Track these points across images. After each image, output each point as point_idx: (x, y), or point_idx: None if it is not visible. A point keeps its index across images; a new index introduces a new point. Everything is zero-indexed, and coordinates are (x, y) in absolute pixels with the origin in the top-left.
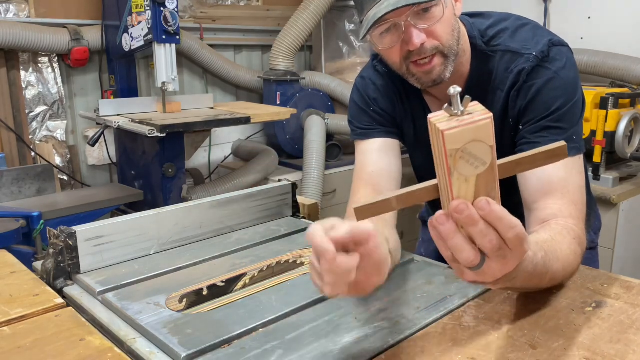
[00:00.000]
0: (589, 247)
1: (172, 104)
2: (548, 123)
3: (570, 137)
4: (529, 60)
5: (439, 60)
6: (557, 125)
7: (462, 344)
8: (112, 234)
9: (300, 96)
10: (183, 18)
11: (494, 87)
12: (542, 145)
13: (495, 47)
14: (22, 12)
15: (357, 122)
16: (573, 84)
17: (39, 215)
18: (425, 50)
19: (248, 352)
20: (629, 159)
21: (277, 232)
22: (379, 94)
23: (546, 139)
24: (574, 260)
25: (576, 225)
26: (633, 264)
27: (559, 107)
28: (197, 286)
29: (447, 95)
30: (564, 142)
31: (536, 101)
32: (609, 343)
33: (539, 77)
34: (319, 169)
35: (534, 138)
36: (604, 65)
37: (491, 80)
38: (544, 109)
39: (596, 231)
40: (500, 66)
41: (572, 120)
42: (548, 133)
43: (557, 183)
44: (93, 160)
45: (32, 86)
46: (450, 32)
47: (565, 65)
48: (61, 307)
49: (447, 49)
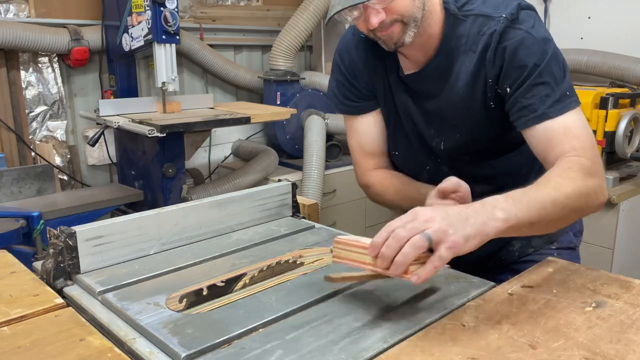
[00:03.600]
0: (568, 247)
1: (172, 104)
2: (532, 81)
3: (564, 94)
4: (499, 22)
5: (397, 28)
6: (542, 81)
7: (462, 344)
8: (112, 234)
9: (300, 96)
10: (183, 18)
11: (465, 49)
12: (536, 106)
13: (468, 11)
14: (22, 12)
15: (341, 97)
16: (544, 39)
17: (39, 215)
18: (384, 24)
19: (248, 352)
20: (629, 159)
21: (277, 232)
22: (355, 64)
23: (536, 97)
24: (570, 183)
25: (578, 156)
26: (633, 264)
27: (536, 63)
28: (197, 286)
29: (413, 56)
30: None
31: (513, 62)
32: (609, 343)
33: (511, 37)
34: (319, 169)
35: (526, 100)
36: (603, 65)
37: (462, 43)
38: (523, 68)
39: (576, 233)
40: (472, 29)
41: (555, 74)
42: (537, 90)
43: (558, 134)
44: (93, 160)
45: (32, 86)
46: (411, 1)
47: (534, 25)
48: (61, 307)
49: (406, 17)
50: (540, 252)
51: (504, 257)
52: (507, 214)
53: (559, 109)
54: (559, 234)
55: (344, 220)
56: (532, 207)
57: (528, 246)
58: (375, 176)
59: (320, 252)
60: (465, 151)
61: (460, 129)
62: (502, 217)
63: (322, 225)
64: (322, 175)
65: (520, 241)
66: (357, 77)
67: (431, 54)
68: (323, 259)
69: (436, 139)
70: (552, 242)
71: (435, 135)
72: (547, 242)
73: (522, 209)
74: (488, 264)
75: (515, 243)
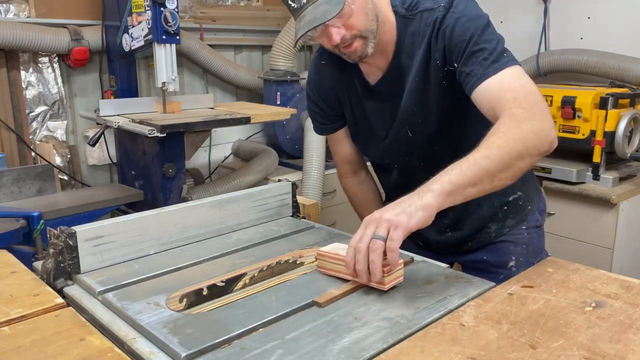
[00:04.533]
0: (536, 226)
1: (172, 104)
2: (471, 49)
3: (500, 55)
4: (439, 11)
5: (358, 43)
6: (480, 47)
7: (462, 344)
8: (112, 234)
9: (300, 96)
10: (183, 18)
11: (418, 42)
12: (479, 71)
13: (415, 10)
14: (22, 12)
15: (317, 122)
16: (477, 16)
17: (39, 215)
18: (346, 40)
19: (248, 352)
20: (629, 159)
21: (277, 232)
22: (322, 89)
23: (477, 61)
24: (502, 136)
25: (510, 109)
26: (633, 264)
27: (472, 34)
28: (197, 286)
29: (376, 63)
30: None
31: (452, 39)
32: (609, 343)
33: (448, 20)
34: (319, 169)
35: (468, 68)
36: (603, 65)
37: (415, 38)
38: (461, 41)
39: (541, 212)
40: (421, 24)
41: (491, 39)
42: (476, 57)
43: (494, 90)
44: (93, 160)
45: (33, 86)
46: (365, 17)
47: (467, 7)
48: (61, 307)
49: (364, 32)
50: (513, 232)
51: (482, 239)
52: (440, 183)
53: (496, 67)
54: (527, 213)
55: (344, 220)
56: (466, 170)
57: (503, 227)
58: (349, 182)
59: None
60: (435, 139)
61: (425, 116)
62: (436, 187)
63: (322, 225)
64: (322, 175)
65: (496, 223)
66: (326, 101)
67: (391, 57)
68: None
69: (402, 130)
70: (523, 222)
71: (401, 127)
72: (519, 222)
73: (456, 174)
74: (467, 245)
75: (491, 225)
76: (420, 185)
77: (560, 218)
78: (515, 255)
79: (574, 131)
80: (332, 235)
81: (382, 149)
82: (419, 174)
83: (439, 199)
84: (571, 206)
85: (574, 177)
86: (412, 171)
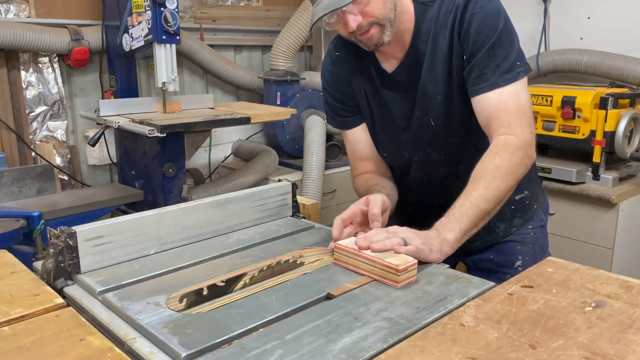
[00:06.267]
0: (540, 225)
1: (172, 104)
2: (486, 51)
3: (514, 63)
4: None
5: (375, 30)
6: (494, 52)
7: (462, 344)
8: (112, 234)
9: (300, 96)
10: (183, 18)
11: (437, 28)
12: (489, 78)
13: None
14: (23, 12)
15: (334, 115)
16: (496, 13)
17: (39, 215)
18: (362, 27)
19: (248, 352)
20: (629, 159)
21: (277, 232)
22: (339, 80)
23: (490, 66)
24: (497, 174)
25: (505, 135)
26: (633, 264)
27: (488, 35)
28: (197, 286)
29: (392, 51)
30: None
31: (470, 32)
32: (609, 343)
33: (469, 10)
34: (319, 169)
35: (479, 70)
36: (603, 65)
37: (433, 24)
38: (476, 37)
39: (545, 212)
40: (441, 10)
41: (506, 43)
42: (489, 61)
43: (495, 112)
44: (93, 160)
45: (33, 86)
46: (383, 5)
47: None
48: (61, 307)
49: (382, 19)
50: (520, 232)
51: (490, 238)
52: (454, 234)
53: (508, 79)
54: (534, 213)
55: None
56: (471, 215)
57: (511, 226)
58: (361, 179)
59: (320, 252)
60: (457, 130)
61: (446, 103)
62: (451, 237)
63: (322, 225)
64: (322, 175)
65: (504, 223)
66: (344, 92)
67: (408, 45)
68: (323, 259)
69: (425, 119)
70: (529, 222)
71: (423, 115)
72: (526, 221)
73: (464, 221)
74: (475, 244)
75: (499, 224)
76: (440, 180)
77: (560, 218)
78: (522, 255)
79: (574, 131)
80: (332, 235)
81: (402, 140)
82: (440, 168)
83: (453, 248)
84: (571, 206)
85: (574, 177)
86: (432, 165)
